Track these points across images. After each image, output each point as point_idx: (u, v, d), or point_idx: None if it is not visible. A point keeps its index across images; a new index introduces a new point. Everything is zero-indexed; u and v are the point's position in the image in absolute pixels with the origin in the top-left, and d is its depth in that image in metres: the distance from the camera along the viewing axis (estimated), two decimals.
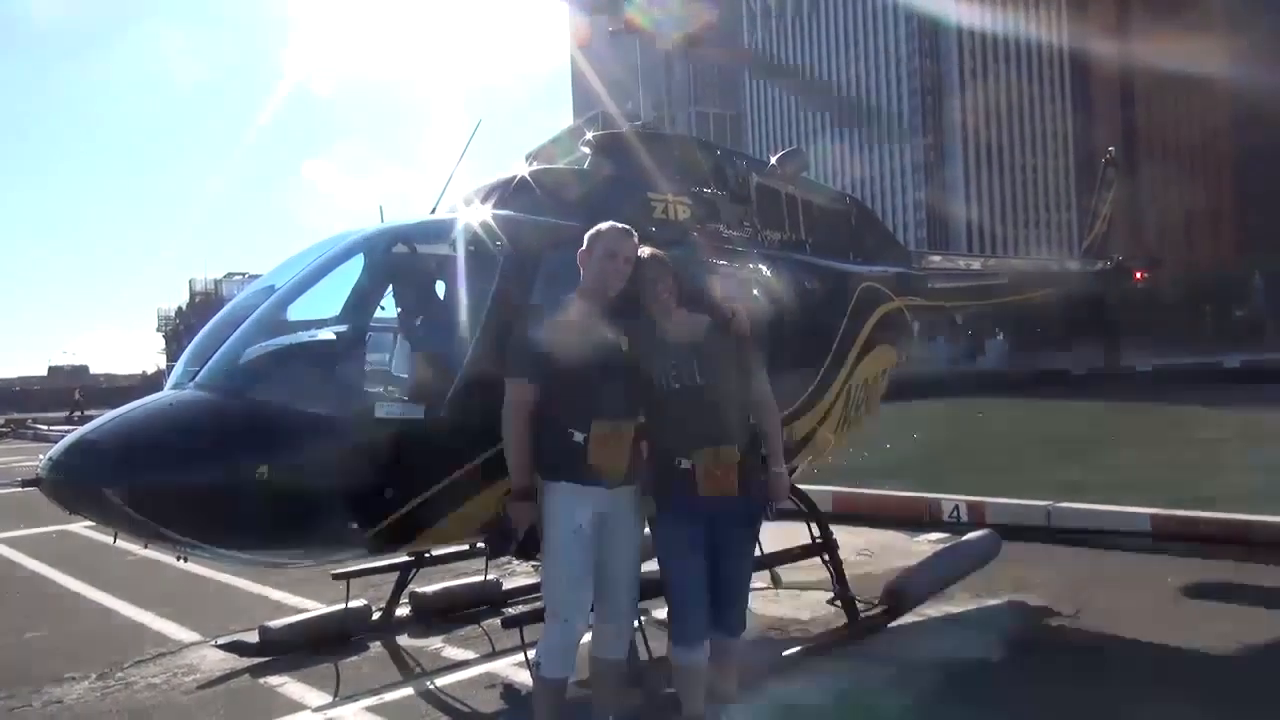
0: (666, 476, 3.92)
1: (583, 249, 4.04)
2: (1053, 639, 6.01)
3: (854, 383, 6.96)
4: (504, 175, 5.36)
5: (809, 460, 6.83)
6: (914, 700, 4.86)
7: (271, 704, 5.17)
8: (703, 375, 3.89)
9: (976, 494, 10.01)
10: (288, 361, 4.33)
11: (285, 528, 4.09)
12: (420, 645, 6.19)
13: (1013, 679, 5.27)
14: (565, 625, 3.88)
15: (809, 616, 6.48)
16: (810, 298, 6.37)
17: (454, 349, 4.41)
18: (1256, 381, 48.60)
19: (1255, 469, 16.54)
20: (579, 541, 3.84)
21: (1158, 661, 5.44)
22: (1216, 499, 10.83)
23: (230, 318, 4.71)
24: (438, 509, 4.30)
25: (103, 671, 5.82)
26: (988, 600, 6.78)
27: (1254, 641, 5.64)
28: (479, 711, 5.02)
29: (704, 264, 5.61)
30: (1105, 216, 12.13)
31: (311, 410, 4.10)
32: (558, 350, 3.80)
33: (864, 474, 11.43)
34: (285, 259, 5.09)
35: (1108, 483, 14.11)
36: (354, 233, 4.85)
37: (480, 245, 4.61)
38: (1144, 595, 6.78)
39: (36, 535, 10.78)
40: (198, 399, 4.10)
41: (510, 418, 3.86)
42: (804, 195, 7.05)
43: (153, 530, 3.92)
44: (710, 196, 6.07)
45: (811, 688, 4.98)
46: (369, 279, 4.84)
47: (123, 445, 3.86)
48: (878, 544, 8.86)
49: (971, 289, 9.54)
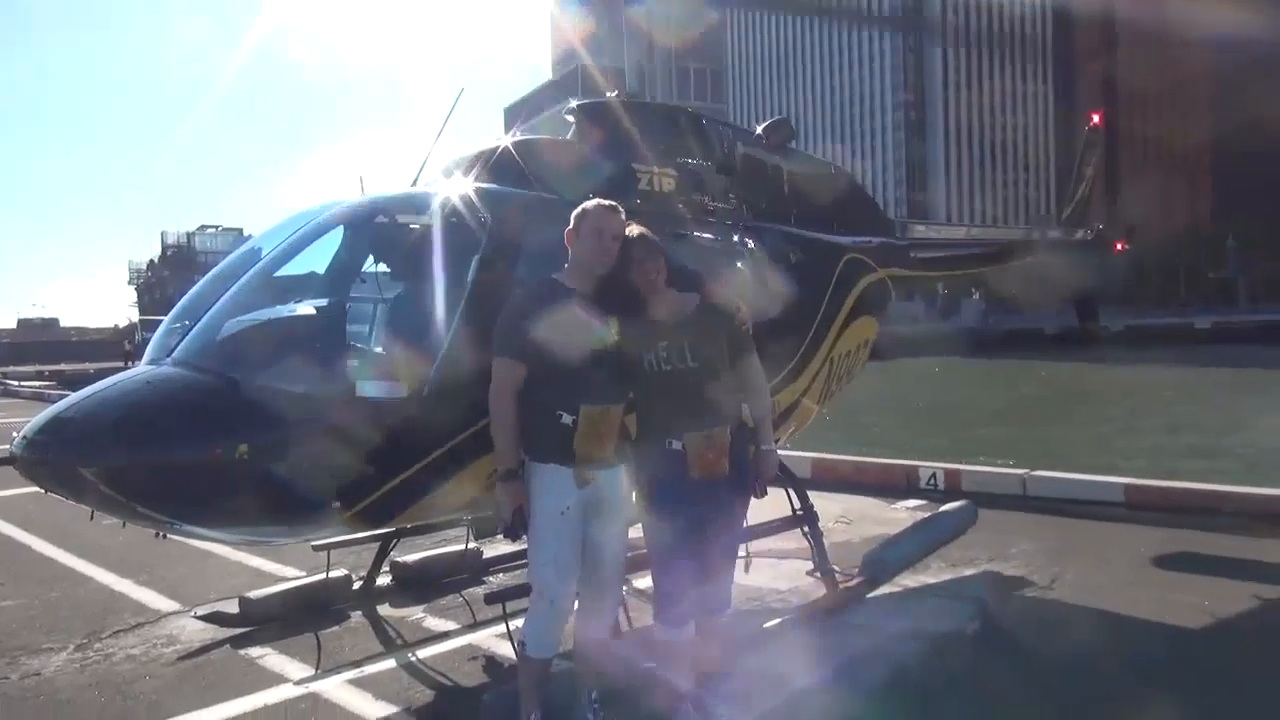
0: (656, 458, 3.90)
1: (569, 227, 3.97)
2: (1027, 610, 6.11)
3: (837, 354, 6.98)
4: (486, 146, 5.26)
5: (791, 431, 6.87)
6: (893, 671, 4.92)
7: (252, 676, 5.16)
8: (694, 357, 3.86)
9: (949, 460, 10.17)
10: (267, 338, 4.25)
11: (265, 507, 4.04)
12: (402, 615, 6.19)
13: (988, 650, 5.35)
14: (551, 606, 3.88)
15: (788, 587, 6.54)
16: (795, 270, 6.34)
17: (437, 326, 4.35)
18: (1225, 341, 49.54)
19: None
20: (566, 523, 3.82)
21: (1130, 632, 5.54)
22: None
23: (209, 288, 4.62)
24: (421, 488, 4.27)
25: (80, 642, 5.78)
26: (964, 570, 6.88)
27: (1224, 613, 5.75)
28: (461, 685, 5.03)
29: (691, 239, 5.56)
30: (1088, 180, 12.12)
31: (292, 388, 4.04)
32: (546, 331, 3.76)
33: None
34: (268, 228, 5.00)
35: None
36: (335, 204, 4.75)
37: (465, 219, 4.53)
38: (1117, 565, 6.90)
39: (8, 499, 10.66)
40: (176, 376, 4.03)
41: (498, 397, 3.81)
42: (789, 166, 6.99)
43: (131, 509, 3.88)
44: (696, 168, 6.00)
45: (793, 660, 5.02)
46: (351, 253, 4.76)
47: (100, 423, 3.79)
48: (856, 511, 8.95)
49: (953, 258, 9.56)
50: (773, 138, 6.82)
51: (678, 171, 5.77)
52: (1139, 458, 16.15)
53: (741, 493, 4.06)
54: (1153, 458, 16.17)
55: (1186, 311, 69.93)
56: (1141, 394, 29.62)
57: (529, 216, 4.71)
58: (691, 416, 3.85)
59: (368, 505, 4.19)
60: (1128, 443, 19.31)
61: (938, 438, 19.18)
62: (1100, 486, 9.14)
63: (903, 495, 9.77)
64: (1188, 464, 14.78)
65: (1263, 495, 8.53)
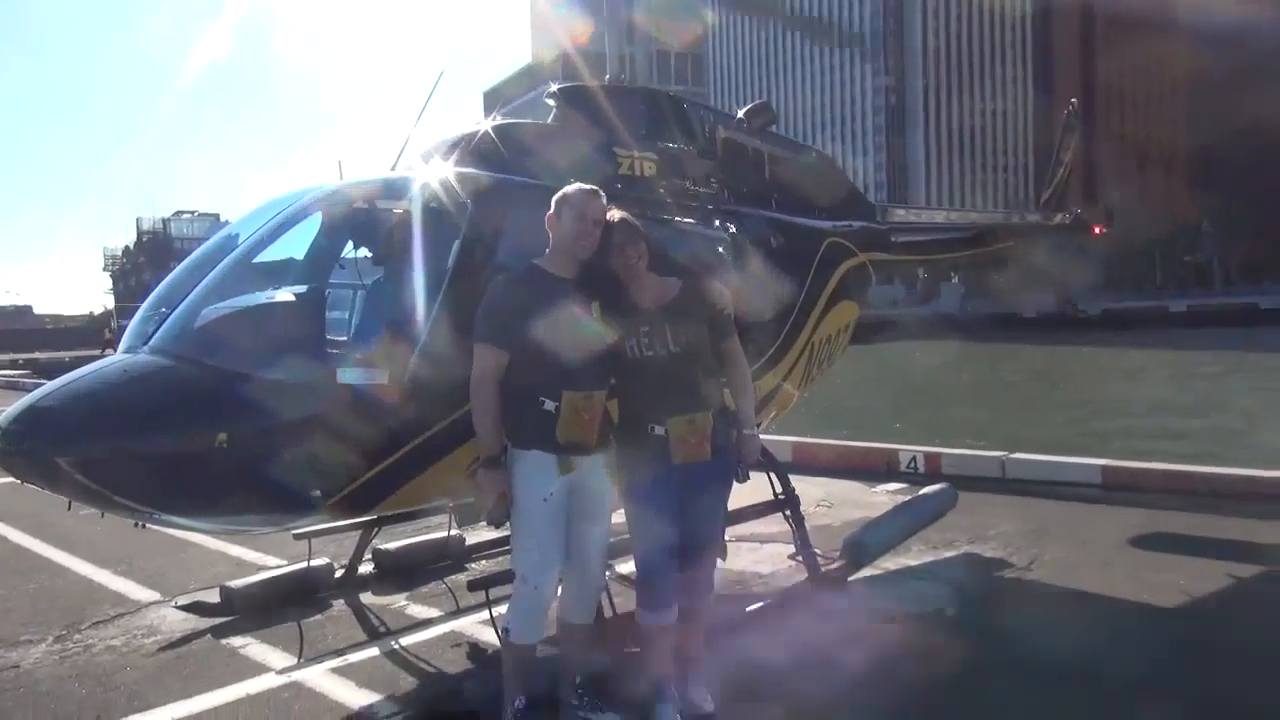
0: (639, 443, 3.90)
1: (550, 212, 3.95)
2: (1007, 592, 6.16)
3: (818, 338, 7.00)
4: (466, 130, 5.21)
5: (772, 416, 6.89)
6: (874, 654, 4.95)
7: (235, 666, 5.13)
8: (675, 342, 3.86)
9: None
10: (246, 325, 4.20)
11: (245, 496, 4.02)
12: (384, 603, 6.17)
13: (967, 633, 5.40)
14: (535, 592, 3.88)
15: (769, 570, 6.57)
16: (776, 254, 6.35)
17: (418, 312, 4.31)
18: (1199, 325, 50.19)
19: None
20: (549, 509, 3.82)
21: (1108, 613, 5.61)
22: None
23: (186, 275, 4.56)
24: (403, 476, 4.26)
25: (60, 634, 5.73)
26: (944, 553, 6.93)
27: (1200, 592, 5.82)
28: (445, 672, 5.02)
29: (672, 224, 5.55)
30: (1066, 165, 12.20)
31: (271, 376, 4.00)
32: (528, 317, 3.74)
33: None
34: (246, 213, 4.94)
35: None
36: (314, 189, 4.70)
37: (444, 204, 4.49)
38: (1095, 547, 6.96)
39: None
40: (153, 364, 3.98)
41: (480, 384, 3.79)
42: (770, 150, 6.99)
43: (108, 499, 3.83)
44: (677, 152, 5.98)
45: (776, 644, 5.06)
46: (330, 239, 4.71)
47: (76, 412, 3.74)
48: (837, 495, 9.00)
49: (934, 243, 9.61)
50: (754, 122, 6.81)
51: (659, 156, 5.75)
52: (1116, 439, 16.35)
53: (724, 478, 4.07)
54: (1129, 439, 16.39)
55: (1162, 295, 70.68)
56: (1118, 377, 29.97)
57: (510, 201, 4.67)
58: (674, 401, 3.85)
59: (349, 493, 4.17)
60: (1105, 424, 19.54)
61: (919, 422, 19.30)
62: (1078, 468, 9.23)
63: (883, 479, 9.82)
64: (1164, 445, 14.97)
65: (1237, 475, 8.65)
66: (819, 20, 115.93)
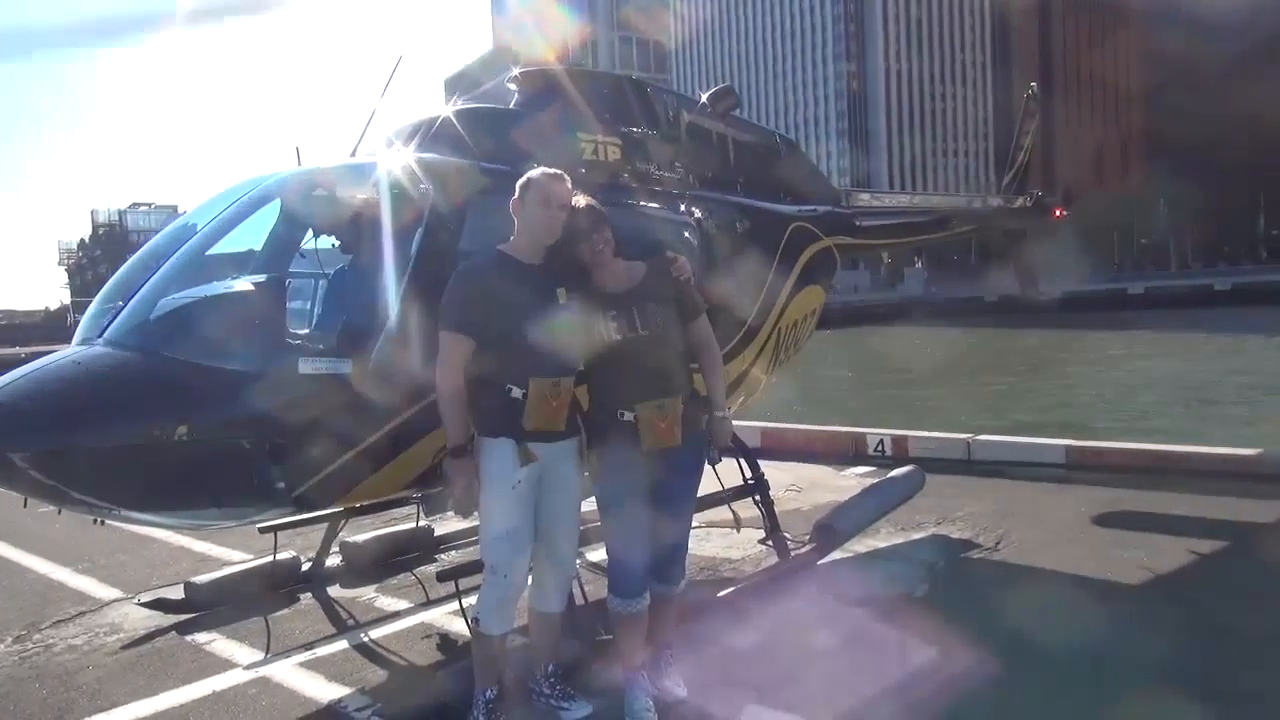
0: (608, 429, 3.86)
1: (514, 197, 3.89)
2: (974, 571, 6.23)
3: (785, 323, 7.00)
4: (427, 115, 5.13)
5: (741, 401, 6.89)
6: (845, 636, 4.98)
7: (200, 663, 5.05)
8: (644, 325, 3.82)
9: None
10: (202, 315, 4.11)
11: (207, 489, 3.95)
12: (353, 596, 6.11)
13: (936, 613, 5.44)
14: (504, 581, 3.84)
15: (740, 555, 6.59)
16: (742, 239, 6.34)
17: (380, 300, 4.25)
18: (1156, 306, 51.16)
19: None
20: (517, 497, 3.78)
21: (1073, 591, 5.68)
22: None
23: (141, 265, 4.46)
24: (368, 466, 4.20)
25: (19, 634, 5.61)
26: (913, 534, 6.99)
27: (1162, 569, 5.92)
28: (415, 664, 4.98)
29: (637, 208, 5.51)
30: (1026, 149, 12.31)
31: (231, 366, 3.93)
32: (493, 304, 3.69)
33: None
34: (203, 202, 4.84)
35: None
36: (271, 176, 4.61)
37: (406, 190, 4.43)
38: (1059, 525, 7.06)
39: None
40: (109, 355, 3.89)
41: (445, 372, 3.74)
42: (735, 134, 6.96)
43: (65, 496, 3.75)
44: (641, 137, 5.93)
45: (747, 628, 5.06)
46: (288, 227, 4.62)
47: (29, 406, 3.64)
48: (806, 479, 9.04)
49: (898, 226, 9.64)
50: (718, 106, 6.78)
51: (622, 140, 5.71)
52: (1078, 420, 16.60)
53: (695, 464, 4.05)
54: (1091, 418, 16.65)
55: (1119, 277, 71.79)
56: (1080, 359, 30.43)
57: (472, 187, 4.61)
58: (643, 387, 3.81)
59: (313, 485, 4.11)
60: (1067, 404, 19.85)
61: (885, 404, 19.48)
62: (1042, 449, 9.37)
63: (851, 462, 9.89)
64: (1126, 425, 15.23)
65: (1196, 453, 8.82)
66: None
